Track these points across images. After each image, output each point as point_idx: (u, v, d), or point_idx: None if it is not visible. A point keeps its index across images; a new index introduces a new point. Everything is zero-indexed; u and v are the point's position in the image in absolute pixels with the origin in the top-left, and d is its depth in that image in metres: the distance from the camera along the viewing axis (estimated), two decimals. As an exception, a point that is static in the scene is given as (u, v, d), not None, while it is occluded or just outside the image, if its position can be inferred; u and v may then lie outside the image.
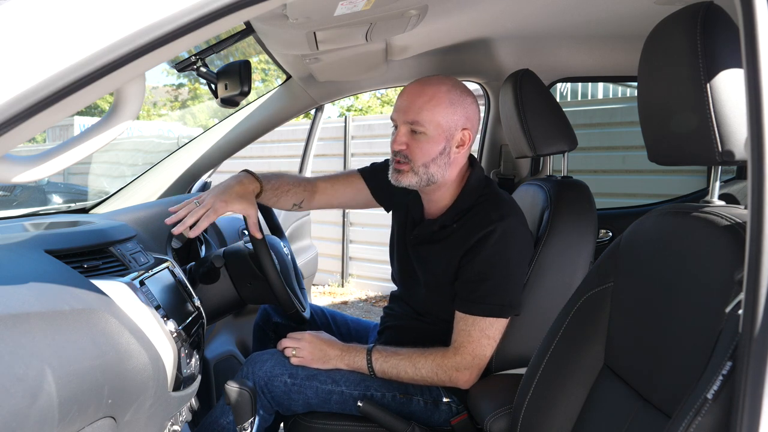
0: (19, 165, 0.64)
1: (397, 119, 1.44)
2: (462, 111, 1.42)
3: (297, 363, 1.46)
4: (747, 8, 0.66)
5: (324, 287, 5.98)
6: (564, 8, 1.73)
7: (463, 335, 1.42)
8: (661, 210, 0.97)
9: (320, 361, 1.46)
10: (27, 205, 3.84)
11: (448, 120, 1.41)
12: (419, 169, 1.42)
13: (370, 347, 1.48)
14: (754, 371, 0.63)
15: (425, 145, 1.41)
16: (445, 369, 1.42)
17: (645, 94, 0.95)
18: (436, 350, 1.44)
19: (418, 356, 1.44)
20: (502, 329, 1.43)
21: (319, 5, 1.22)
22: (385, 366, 1.45)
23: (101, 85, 0.61)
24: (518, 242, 1.43)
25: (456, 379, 1.42)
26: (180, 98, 10.88)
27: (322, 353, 1.47)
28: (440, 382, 1.43)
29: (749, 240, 0.66)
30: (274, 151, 6.40)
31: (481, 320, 1.40)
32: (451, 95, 1.41)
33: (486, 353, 1.42)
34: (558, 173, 1.72)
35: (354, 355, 1.47)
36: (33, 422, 0.67)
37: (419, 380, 1.44)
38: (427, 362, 1.43)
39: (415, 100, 1.41)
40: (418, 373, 1.43)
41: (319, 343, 1.48)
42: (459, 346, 1.42)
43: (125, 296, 1.00)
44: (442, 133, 1.41)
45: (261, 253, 1.48)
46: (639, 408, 0.91)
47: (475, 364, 1.41)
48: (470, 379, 1.43)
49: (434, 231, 1.49)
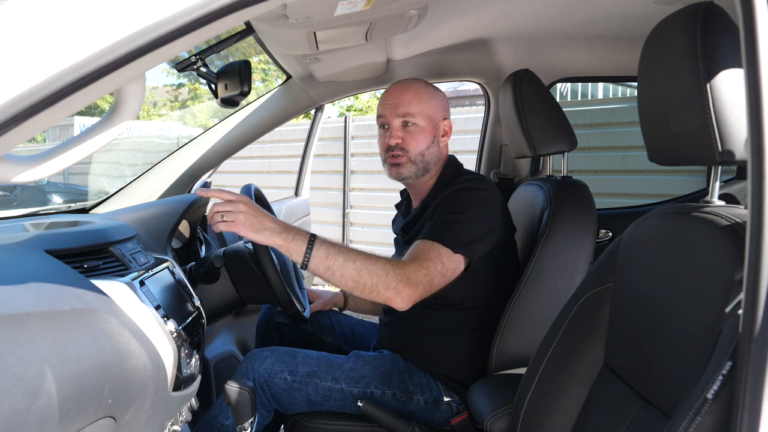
0: (19, 165, 0.64)
1: (388, 115, 1.54)
2: (440, 103, 1.58)
3: (224, 229, 1.28)
4: (747, 8, 0.66)
5: (324, 287, 5.98)
6: (564, 8, 1.73)
7: (420, 252, 1.37)
8: (661, 210, 0.97)
9: (251, 229, 1.28)
10: (27, 205, 3.84)
11: (433, 111, 1.55)
12: (416, 158, 1.53)
13: (316, 234, 1.35)
14: (754, 371, 0.63)
15: (418, 135, 1.53)
16: (397, 273, 1.32)
17: (645, 94, 0.95)
18: (390, 259, 1.37)
19: (368, 256, 1.34)
20: (455, 269, 1.39)
21: (319, 5, 1.22)
22: (332, 251, 1.31)
23: (101, 85, 0.61)
24: (483, 198, 1.46)
25: (399, 290, 1.31)
26: (180, 98, 10.88)
27: (257, 221, 1.29)
28: (384, 287, 1.31)
29: (749, 240, 0.66)
30: (274, 151, 6.40)
31: (439, 246, 1.38)
32: (429, 89, 1.57)
33: (434, 281, 1.36)
34: (558, 173, 1.72)
35: (294, 235, 1.31)
36: (33, 422, 0.67)
37: (363, 279, 1.31)
38: (381, 261, 1.33)
39: (402, 96, 1.54)
40: (361, 274, 1.31)
41: (256, 210, 1.31)
42: (415, 258, 1.36)
43: (125, 296, 1.00)
44: (430, 123, 1.55)
45: (261, 253, 1.48)
46: (639, 408, 0.91)
47: (422, 284, 1.33)
48: (410, 298, 1.32)
49: (416, 215, 1.58)
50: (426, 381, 1.50)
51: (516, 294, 1.49)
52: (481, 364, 1.52)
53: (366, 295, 1.34)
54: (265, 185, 3.07)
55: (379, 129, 1.60)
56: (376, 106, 1.62)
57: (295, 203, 2.85)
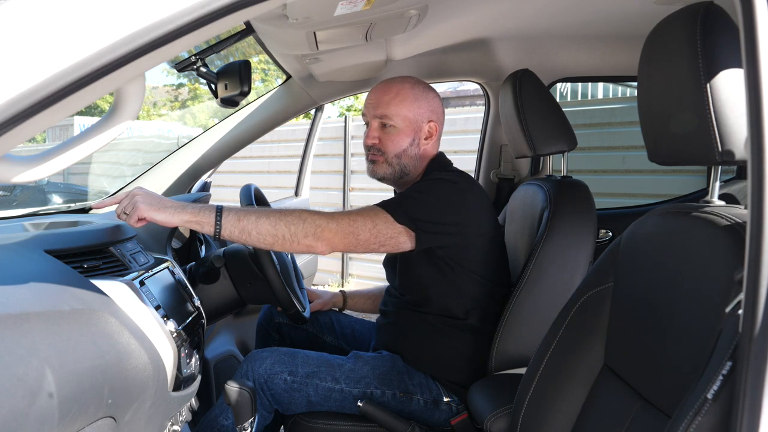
0: (19, 165, 0.64)
1: (368, 114, 1.54)
2: (426, 104, 1.54)
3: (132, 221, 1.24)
4: (747, 8, 0.66)
5: (324, 287, 5.98)
6: (564, 8, 1.73)
7: (357, 209, 1.37)
8: (661, 210, 0.97)
9: (154, 209, 1.24)
10: (27, 205, 3.84)
11: (415, 113, 1.52)
12: (392, 160, 1.52)
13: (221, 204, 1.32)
14: (754, 371, 0.63)
15: (395, 137, 1.51)
16: (312, 221, 1.28)
17: (645, 94, 0.95)
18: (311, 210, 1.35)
19: (283, 210, 1.31)
20: (393, 238, 1.35)
21: (319, 5, 1.22)
22: (241, 214, 1.28)
23: (101, 85, 0.61)
24: (457, 189, 1.43)
25: (318, 235, 1.28)
26: (180, 98, 10.88)
27: (157, 201, 1.26)
28: (302, 234, 1.27)
29: (749, 240, 0.66)
30: (274, 151, 6.39)
31: (379, 209, 1.37)
32: (415, 91, 1.53)
33: (361, 236, 1.32)
34: (558, 173, 1.72)
35: (200, 209, 1.28)
36: (33, 422, 0.67)
37: (279, 233, 1.27)
38: (293, 214, 1.29)
39: (383, 96, 1.52)
40: (278, 227, 1.27)
41: (152, 194, 1.29)
42: (344, 211, 1.34)
43: (125, 296, 1.00)
44: (409, 125, 1.51)
45: (261, 253, 1.48)
46: (639, 408, 0.91)
47: (344, 232, 1.30)
48: (330, 242, 1.29)
49: None
50: (426, 381, 1.49)
51: (516, 294, 1.49)
52: (481, 364, 1.52)
53: (287, 248, 1.30)
54: (265, 185, 3.07)
55: (365, 125, 1.60)
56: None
57: (295, 203, 2.85)
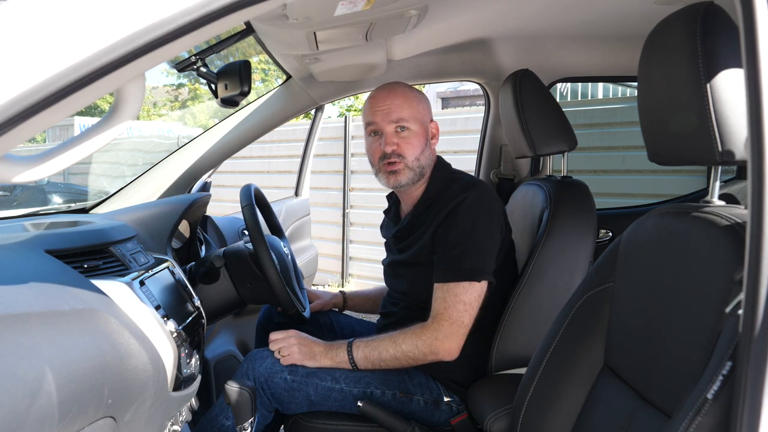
0: (19, 165, 0.64)
1: (381, 122, 1.51)
2: (426, 105, 1.57)
3: (288, 362, 1.45)
4: (747, 8, 0.66)
5: (324, 287, 5.98)
6: (564, 8, 1.73)
7: (439, 303, 1.42)
8: (661, 210, 0.97)
9: (308, 357, 1.45)
10: (27, 205, 3.84)
11: (422, 114, 1.54)
12: (413, 164, 1.51)
13: (350, 340, 1.47)
14: (754, 371, 0.63)
15: (413, 140, 1.51)
16: (424, 339, 1.40)
17: (645, 94, 0.95)
18: (415, 326, 1.43)
19: (398, 334, 1.43)
20: (477, 296, 1.42)
21: (319, 5, 1.22)
22: (366, 351, 1.43)
23: (101, 85, 0.61)
24: (486, 209, 1.45)
25: (437, 349, 1.39)
26: (180, 98, 10.88)
27: (309, 350, 1.46)
28: (422, 355, 1.41)
29: (749, 240, 0.66)
30: (274, 151, 6.39)
31: (455, 286, 1.41)
32: (414, 93, 1.55)
33: (463, 319, 1.40)
34: (558, 173, 1.72)
35: (336, 349, 1.46)
36: (33, 422, 0.67)
37: (402, 359, 1.42)
38: (407, 337, 1.41)
39: (392, 101, 1.51)
40: (399, 350, 1.41)
41: (305, 339, 1.48)
42: (436, 314, 1.41)
43: (125, 296, 1.00)
44: (421, 126, 1.53)
45: (261, 253, 1.48)
46: (639, 408, 0.91)
47: (454, 332, 1.39)
48: (451, 348, 1.40)
49: (410, 222, 1.56)
50: (426, 381, 1.49)
51: (516, 294, 1.49)
52: (481, 364, 1.51)
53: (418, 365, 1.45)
54: (265, 185, 3.07)
55: (369, 137, 1.55)
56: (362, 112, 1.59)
57: (295, 203, 2.85)
